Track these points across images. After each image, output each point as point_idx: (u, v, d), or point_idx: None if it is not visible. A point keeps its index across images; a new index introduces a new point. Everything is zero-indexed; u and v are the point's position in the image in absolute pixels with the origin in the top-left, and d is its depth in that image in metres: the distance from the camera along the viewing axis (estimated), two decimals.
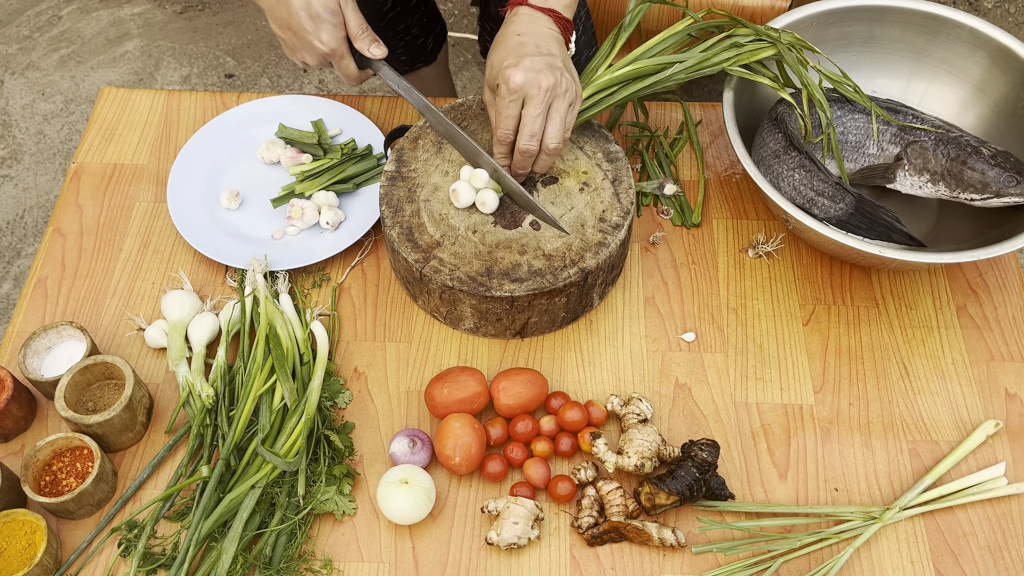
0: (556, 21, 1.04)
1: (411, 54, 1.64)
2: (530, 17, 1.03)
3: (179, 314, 1.07)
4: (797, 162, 1.10)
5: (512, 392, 1.01)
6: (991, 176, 1.08)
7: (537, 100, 0.97)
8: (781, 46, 1.10)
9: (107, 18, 2.51)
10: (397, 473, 0.95)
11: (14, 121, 2.29)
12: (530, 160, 1.02)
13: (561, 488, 0.96)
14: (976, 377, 1.07)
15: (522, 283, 1.01)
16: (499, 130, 1.01)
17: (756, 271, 1.16)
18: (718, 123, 1.30)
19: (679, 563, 0.94)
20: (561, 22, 1.04)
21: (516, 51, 0.99)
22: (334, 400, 1.04)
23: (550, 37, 1.02)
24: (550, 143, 1.00)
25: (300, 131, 1.24)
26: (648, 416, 1.00)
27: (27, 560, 0.90)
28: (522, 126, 1.00)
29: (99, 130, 1.29)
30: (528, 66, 0.97)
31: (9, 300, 2.00)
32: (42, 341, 1.04)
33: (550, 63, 0.98)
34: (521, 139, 1.00)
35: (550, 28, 1.03)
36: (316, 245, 1.15)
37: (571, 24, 1.06)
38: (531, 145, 1.00)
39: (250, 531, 0.94)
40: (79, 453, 0.97)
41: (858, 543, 0.93)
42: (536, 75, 0.97)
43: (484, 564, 0.94)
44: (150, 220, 1.20)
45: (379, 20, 1.51)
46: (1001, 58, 1.16)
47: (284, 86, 2.36)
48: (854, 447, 1.02)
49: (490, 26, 1.55)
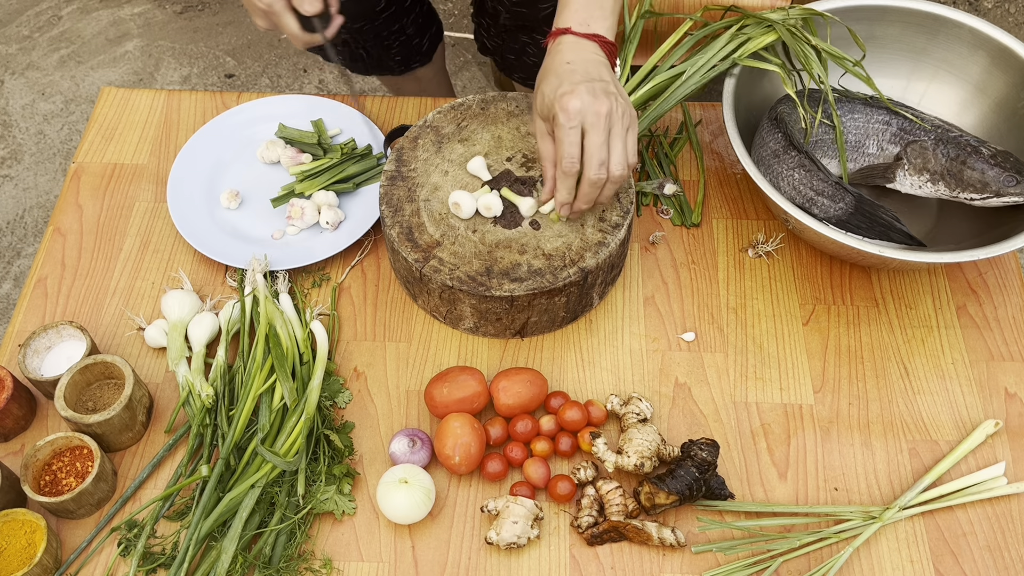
0: (602, 46, 1.02)
1: (406, 54, 1.64)
2: (576, 44, 1.01)
3: (179, 314, 1.07)
4: (797, 162, 1.10)
5: (512, 392, 1.01)
6: (991, 176, 1.08)
7: (598, 127, 0.94)
8: (780, 28, 1.10)
9: (107, 18, 2.51)
10: (397, 473, 0.95)
11: (14, 121, 2.29)
12: (598, 190, 0.98)
13: (561, 488, 0.96)
14: (976, 377, 1.07)
15: (522, 283, 1.01)
16: (564, 160, 0.96)
17: (756, 271, 1.16)
18: (718, 123, 1.30)
19: (679, 563, 0.94)
20: (607, 46, 1.02)
21: (568, 78, 0.96)
22: (334, 400, 1.04)
23: (598, 63, 0.99)
24: (615, 171, 0.96)
25: (300, 131, 1.24)
26: (648, 416, 1.00)
27: (27, 560, 0.90)
28: (587, 156, 0.95)
29: (99, 130, 1.29)
30: (584, 92, 0.94)
31: (9, 300, 2.00)
32: (42, 341, 1.04)
33: (604, 88, 0.95)
34: (589, 170, 0.96)
35: (596, 54, 1.01)
36: (316, 245, 1.15)
37: (615, 47, 1.04)
38: (600, 174, 0.95)
39: (250, 531, 0.94)
40: (79, 453, 0.97)
41: (858, 543, 0.93)
42: (593, 101, 0.94)
43: (484, 564, 0.94)
44: (150, 220, 1.20)
45: (373, 20, 1.51)
46: (1001, 58, 1.16)
47: (284, 86, 2.36)
48: (854, 447, 1.02)
49: (485, 22, 1.54)
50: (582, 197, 0.99)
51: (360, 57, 1.62)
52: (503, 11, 1.45)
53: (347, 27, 1.49)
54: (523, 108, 1.16)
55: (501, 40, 1.55)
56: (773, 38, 1.12)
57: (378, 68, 1.66)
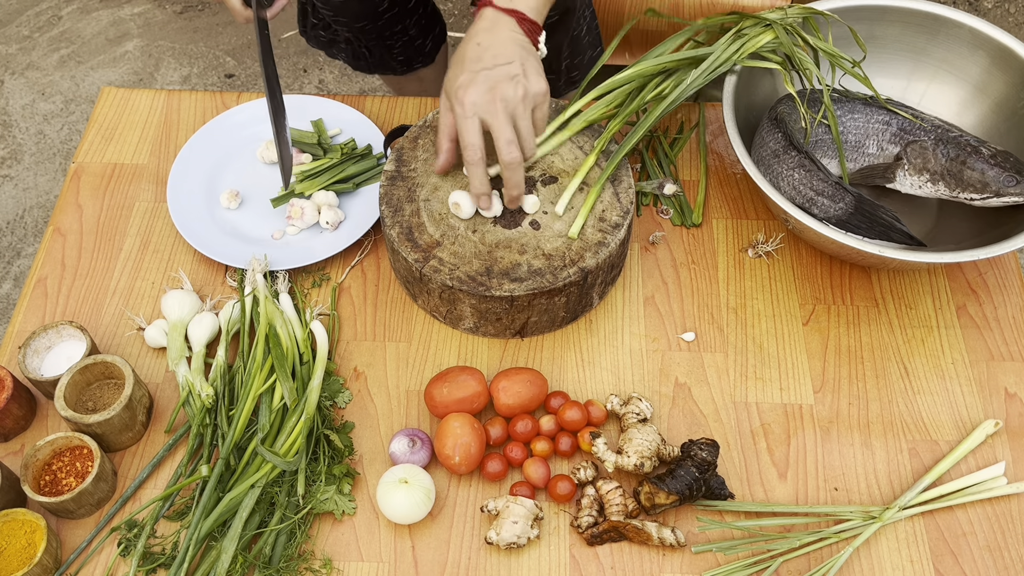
0: (520, 23, 1.01)
1: (409, 55, 1.63)
2: (494, 18, 1.01)
3: (179, 314, 1.07)
4: (797, 162, 1.10)
5: (512, 392, 1.01)
6: (991, 176, 1.08)
7: (497, 114, 0.96)
8: (777, 28, 1.11)
9: (107, 18, 2.51)
10: (397, 473, 0.95)
11: (14, 121, 2.29)
12: (519, 172, 0.99)
13: (561, 488, 0.96)
14: (976, 377, 1.07)
15: (522, 283, 1.01)
16: (467, 151, 0.98)
17: (756, 271, 1.16)
18: (718, 123, 1.30)
19: (679, 562, 0.94)
20: (526, 23, 1.02)
21: (471, 66, 0.98)
22: (334, 400, 1.04)
23: (511, 41, 1.00)
24: (528, 147, 0.99)
25: (300, 131, 1.24)
26: (648, 416, 1.00)
27: (27, 559, 0.90)
28: (496, 142, 0.97)
29: (99, 130, 1.29)
30: (480, 82, 0.96)
31: (9, 300, 2.00)
32: (42, 341, 1.04)
33: (506, 73, 0.96)
34: (501, 153, 0.97)
35: (513, 31, 1.01)
36: (316, 245, 1.15)
37: (538, 26, 1.03)
38: (512, 154, 0.97)
39: (250, 530, 0.94)
40: (79, 453, 0.97)
41: (858, 543, 0.93)
42: (488, 91, 0.95)
43: (484, 563, 0.94)
44: (150, 220, 1.20)
45: (376, 20, 1.50)
46: (1001, 58, 1.16)
47: (284, 86, 2.36)
48: (854, 447, 1.02)
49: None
50: (509, 183, 1.01)
51: (363, 56, 1.61)
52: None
53: (349, 26, 1.49)
54: None
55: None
56: (771, 37, 1.12)
57: (380, 68, 1.66)
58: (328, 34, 1.57)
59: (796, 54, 1.11)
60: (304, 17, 1.56)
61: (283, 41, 2.46)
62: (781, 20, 1.12)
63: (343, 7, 1.44)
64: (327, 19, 1.48)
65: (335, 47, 1.60)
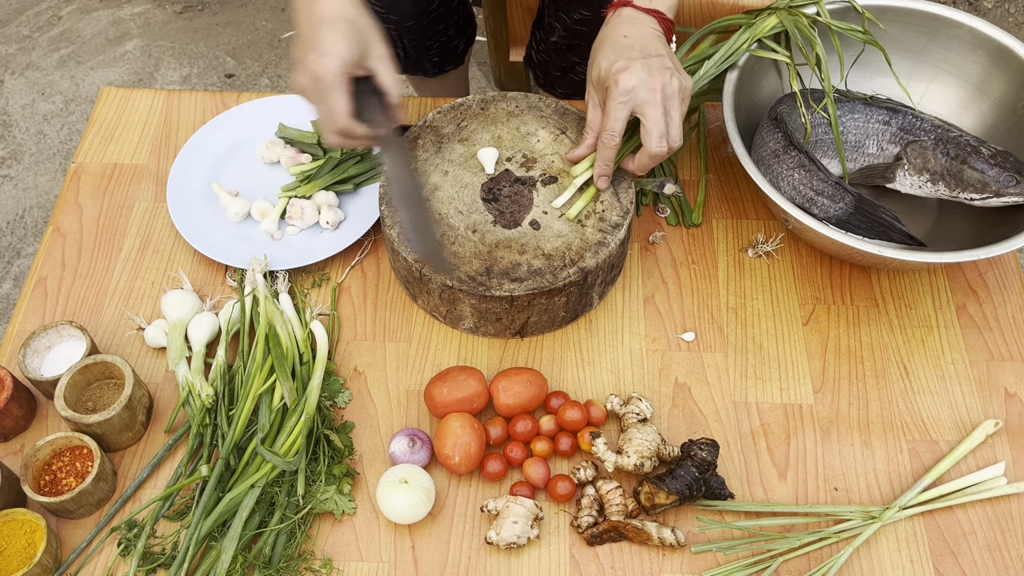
0: (660, 22, 1.03)
1: (443, 56, 1.63)
2: (634, 17, 1.02)
3: (179, 314, 1.07)
4: (797, 162, 1.10)
5: (512, 392, 1.01)
6: (991, 176, 1.08)
7: (654, 103, 0.96)
8: (781, 14, 1.11)
9: (107, 18, 2.51)
10: (397, 473, 0.95)
11: (14, 121, 2.29)
12: (656, 162, 1.00)
13: (560, 487, 0.96)
14: (976, 377, 1.07)
15: (522, 283, 1.01)
16: (606, 134, 0.99)
17: (756, 271, 1.16)
18: (718, 123, 1.30)
19: (679, 562, 0.94)
20: (665, 22, 1.03)
21: (625, 53, 0.98)
22: (334, 400, 1.04)
23: (655, 36, 1.01)
24: (674, 143, 0.99)
25: (300, 131, 1.24)
26: (648, 416, 1.00)
27: (27, 559, 0.90)
28: (647, 131, 0.97)
29: (99, 130, 1.29)
30: (639, 68, 0.96)
31: (9, 300, 2.00)
32: (42, 341, 1.04)
33: (661, 64, 0.97)
34: (651, 143, 0.97)
35: (654, 28, 1.02)
36: (316, 245, 1.15)
37: (673, 24, 1.05)
38: (661, 146, 0.97)
39: (250, 530, 0.94)
40: (79, 452, 0.97)
41: (857, 542, 0.93)
42: (648, 78, 0.95)
43: (484, 563, 0.94)
44: (150, 220, 1.20)
45: (423, 19, 1.49)
46: (1000, 58, 1.16)
47: (284, 86, 2.36)
48: (854, 447, 1.02)
49: (539, 35, 1.55)
50: (639, 167, 1.02)
51: (396, 56, 1.60)
52: (559, 28, 1.45)
53: (398, 24, 1.48)
54: (523, 108, 1.16)
55: (548, 56, 1.54)
56: (775, 22, 1.12)
57: (413, 68, 1.64)
58: None
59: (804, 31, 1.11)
60: None
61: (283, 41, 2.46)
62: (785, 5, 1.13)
63: (396, 4, 1.43)
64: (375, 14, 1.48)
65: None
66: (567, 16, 1.41)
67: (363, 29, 0.96)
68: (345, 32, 0.94)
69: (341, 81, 0.94)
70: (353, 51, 0.94)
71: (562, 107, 1.16)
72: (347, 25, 0.94)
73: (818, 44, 1.11)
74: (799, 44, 1.12)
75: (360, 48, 0.95)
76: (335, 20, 0.94)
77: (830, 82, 1.11)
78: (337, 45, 0.93)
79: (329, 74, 0.93)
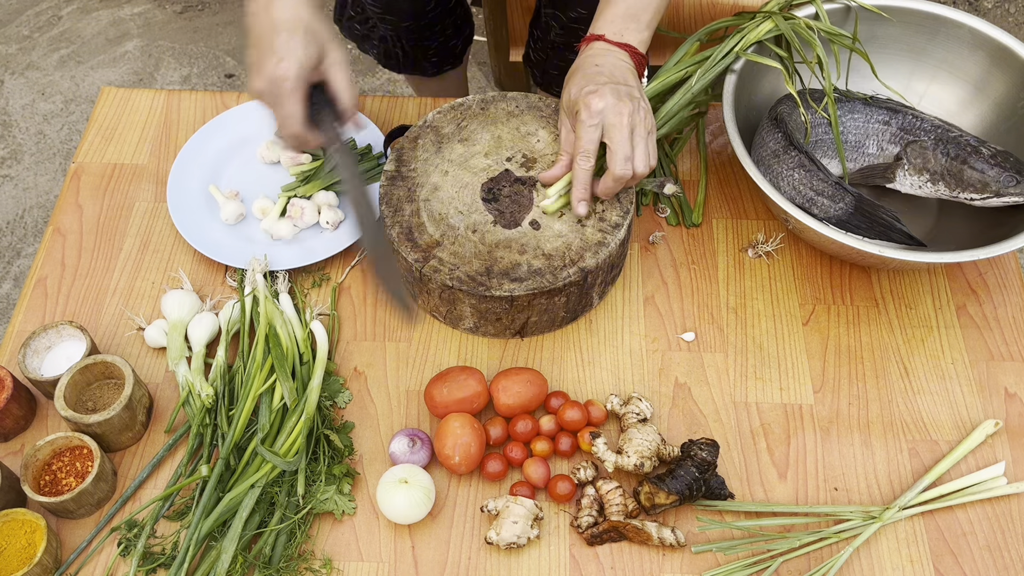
0: (632, 56, 1.06)
1: (441, 56, 1.63)
2: (606, 50, 1.05)
3: (179, 314, 1.07)
4: (797, 162, 1.10)
5: (512, 392, 1.01)
6: (991, 176, 1.08)
7: (620, 126, 0.98)
8: (776, 18, 1.11)
9: (107, 18, 2.51)
10: (397, 473, 0.95)
11: (14, 121, 2.29)
12: (621, 185, 1.01)
13: (560, 487, 0.96)
14: (976, 377, 1.07)
15: (522, 283, 1.01)
16: (579, 156, 1.00)
17: (756, 271, 1.16)
18: (718, 123, 1.30)
19: (679, 562, 0.94)
20: (636, 56, 1.06)
21: (595, 79, 1.00)
22: (334, 400, 1.04)
23: (625, 69, 1.03)
24: (639, 168, 1.00)
25: None
26: (648, 416, 1.00)
27: (27, 559, 0.90)
28: (612, 153, 0.99)
29: (99, 130, 1.29)
30: (608, 92, 0.98)
31: (9, 300, 2.00)
32: (42, 341, 1.04)
33: (629, 92, 0.99)
34: (615, 166, 0.99)
35: (625, 61, 1.04)
36: (316, 245, 1.15)
37: (645, 59, 1.08)
38: (626, 169, 0.99)
39: (250, 530, 0.94)
40: (79, 452, 0.97)
41: (857, 543, 0.93)
42: (616, 102, 0.97)
43: (483, 563, 0.94)
44: (150, 220, 1.20)
45: (419, 19, 1.49)
46: (1001, 58, 1.16)
47: None
48: (854, 447, 1.02)
49: (536, 33, 1.55)
50: (604, 191, 1.03)
51: (395, 55, 1.60)
52: (556, 27, 1.45)
53: (395, 24, 1.48)
54: (523, 108, 1.16)
55: (546, 55, 1.55)
56: (770, 26, 1.12)
57: (411, 68, 1.64)
58: (364, 28, 1.56)
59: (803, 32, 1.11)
60: (342, 8, 1.55)
61: None
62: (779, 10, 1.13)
63: (392, 4, 1.43)
64: (370, 14, 1.47)
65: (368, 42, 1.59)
66: (564, 14, 1.42)
67: (319, 34, 0.97)
68: (301, 38, 0.95)
69: (297, 87, 0.96)
70: (310, 57, 0.95)
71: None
72: (303, 30, 0.95)
73: (818, 46, 1.11)
74: (797, 47, 1.12)
75: (316, 53, 0.96)
76: (291, 25, 0.94)
77: (831, 82, 1.11)
78: (294, 51, 0.94)
79: (285, 80, 0.94)
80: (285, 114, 0.97)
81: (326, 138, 1.00)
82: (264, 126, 1.26)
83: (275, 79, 0.95)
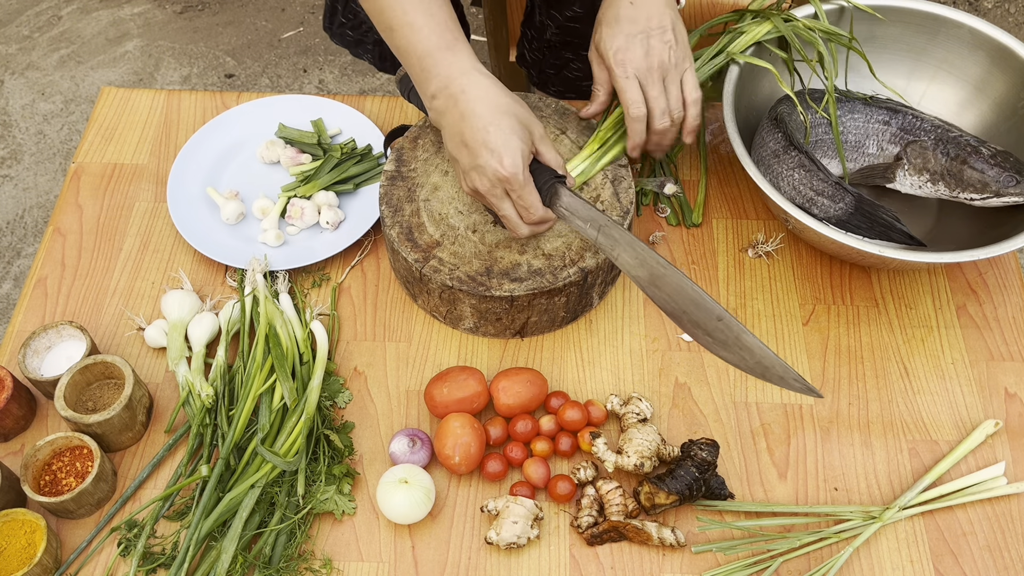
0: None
1: None
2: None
3: (179, 314, 1.07)
4: (797, 162, 1.10)
5: (512, 392, 1.01)
6: (991, 176, 1.08)
7: (651, 81, 1.01)
8: (775, 19, 1.11)
9: (107, 18, 2.51)
10: (397, 473, 0.95)
11: (14, 121, 2.29)
12: (668, 136, 1.06)
13: (560, 488, 0.96)
14: (976, 377, 1.07)
15: (522, 283, 1.01)
16: (631, 107, 1.03)
17: (756, 271, 1.16)
18: (718, 123, 1.30)
19: (679, 562, 0.94)
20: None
21: (627, 27, 1.02)
22: (334, 400, 1.04)
23: (662, 3, 1.04)
24: (676, 114, 1.04)
25: (300, 131, 1.24)
26: (648, 416, 1.00)
27: (27, 559, 0.90)
28: (649, 109, 1.03)
29: (99, 130, 1.29)
30: (637, 48, 1.01)
31: (9, 300, 2.00)
32: (42, 341, 1.04)
33: (660, 38, 1.02)
34: (654, 120, 1.03)
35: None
36: (316, 245, 1.15)
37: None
38: (664, 122, 1.03)
39: (250, 530, 0.94)
40: (79, 453, 0.97)
41: (858, 543, 0.93)
42: (645, 57, 1.01)
43: (484, 563, 0.94)
44: (150, 220, 1.20)
45: None
46: (1001, 58, 1.16)
47: (284, 86, 2.36)
48: (854, 447, 1.02)
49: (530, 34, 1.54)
50: (653, 145, 1.08)
51: (389, 57, 1.60)
52: (551, 26, 1.45)
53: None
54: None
55: (542, 55, 1.54)
56: (768, 28, 1.12)
57: None
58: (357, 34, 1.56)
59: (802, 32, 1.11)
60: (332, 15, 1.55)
61: (283, 41, 2.46)
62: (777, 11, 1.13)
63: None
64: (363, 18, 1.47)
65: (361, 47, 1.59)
66: (559, 13, 1.41)
67: (522, 116, 0.95)
68: (514, 127, 0.93)
69: (528, 178, 0.94)
70: (527, 143, 0.94)
71: (562, 107, 1.16)
72: (511, 119, 0.93)
73: (820, 45, 1.11)
74: (797, 47, 1.12)
75: (529, 138, 0.95)
76: (496, 117, 0.93)
77: (832, 82, 1.11)
78: (513, 145, 0.92)
79: (515, 177, 0.92)
80: (526, 205, 0.95)
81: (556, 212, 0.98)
82: (264, 126, 1.26)
83: (503, 179, 0.93)
